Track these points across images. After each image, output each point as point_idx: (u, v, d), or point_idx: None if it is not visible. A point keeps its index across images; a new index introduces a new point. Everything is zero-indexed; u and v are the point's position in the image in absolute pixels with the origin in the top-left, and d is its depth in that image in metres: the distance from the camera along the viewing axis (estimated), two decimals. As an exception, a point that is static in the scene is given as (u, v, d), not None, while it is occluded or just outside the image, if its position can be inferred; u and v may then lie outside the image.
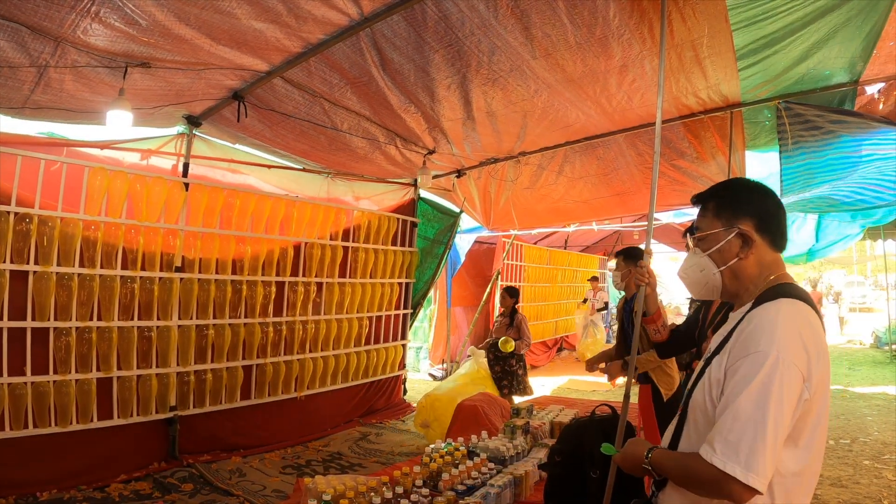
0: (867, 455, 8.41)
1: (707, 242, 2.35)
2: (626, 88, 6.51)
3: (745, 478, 1.87)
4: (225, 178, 8.36)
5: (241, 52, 5.58)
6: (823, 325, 2.13)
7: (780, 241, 2.30)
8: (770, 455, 1.88)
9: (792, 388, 1.92)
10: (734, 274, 2.30)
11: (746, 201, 2.31)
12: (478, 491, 4.11)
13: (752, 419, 1.90)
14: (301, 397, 9.22)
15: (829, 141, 6.80)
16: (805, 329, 2.00)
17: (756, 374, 1.94)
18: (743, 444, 1.89)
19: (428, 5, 4.96)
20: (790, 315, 2.04)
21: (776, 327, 1.99)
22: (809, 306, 2.10)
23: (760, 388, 1.92)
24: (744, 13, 5.10)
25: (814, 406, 1.99)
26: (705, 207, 2.41)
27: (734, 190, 2.40)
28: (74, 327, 6.64)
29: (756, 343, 2.00)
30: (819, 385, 1.99)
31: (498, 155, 9.38)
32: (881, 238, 16.85)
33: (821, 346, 2.01)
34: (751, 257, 2.26)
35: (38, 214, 6.31)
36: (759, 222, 2.26)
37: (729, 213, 2.30)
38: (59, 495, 6.27)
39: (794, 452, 2.00)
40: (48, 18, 4.62)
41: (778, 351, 1.94)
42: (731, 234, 2.27)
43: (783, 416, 1.90)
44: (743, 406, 1.93)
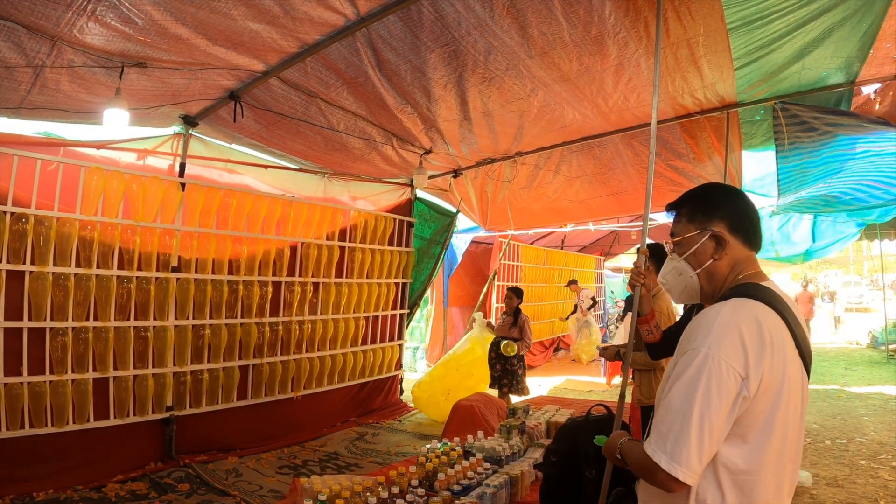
0: (863, 455, 8.41)
1: (683, 247, 2.41)
2: (622, 88, 6.51)
3: (668, 467, 1.94)
4: (221, 178, 8.35)
5: (237, 52, 5.59)
6: (793, 325, 2.15)
7: (754, 239, 2.35)
8: (696, 448, 1.93)
9: (723, 385, 1.95)
10: (709, 275, 2.36)
11: (718, 204, 2.37)
12: (473, 491, 4.12)
13: (679, 411, 1.97)
14: (298, 397, 9.22)
15: (825, 141, 6.81)
16: (748, 328, 2.02)
17: (687, 369, 2.01)
18: (671, 435, 1.97)
19: (424, 5, 4.97)
20: (731, 313, 2.07)
21: (713, 325, 2.04)
22: (769, 306, 2.12)
23: (689, 383, 1.98)
24: (739, 12, 5.11)
25: (761, 404, 2.01)
26: (679, 213, 2.47)
27: (705, 194, 2.45)
28: (71, 327, 6.63)
29: (693, 340, 2.06)
30: (769, 383, 2.01)
31: (495, 155, 9.39)
32: (878, 238, 16.87)
33: (769, 345, 2.01)
34: (725, 258, 2.32)
35: (35, 214, 6.30)
36: (731, 223, 2.32)
37: (702, 216, 2.36)
38: (55, 495, 6.26)
39: (741, 450, 2.02)
40: (44, 17, 4.62)
41: (709, 348, 1.99)
42: (704, 237, 2.33)
43: (711, 412, 1.94)
44: (673, 399, 2.01)
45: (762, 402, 2.01)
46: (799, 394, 2.13)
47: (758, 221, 2.38)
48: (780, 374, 2.04)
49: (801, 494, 6.86)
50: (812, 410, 11.36)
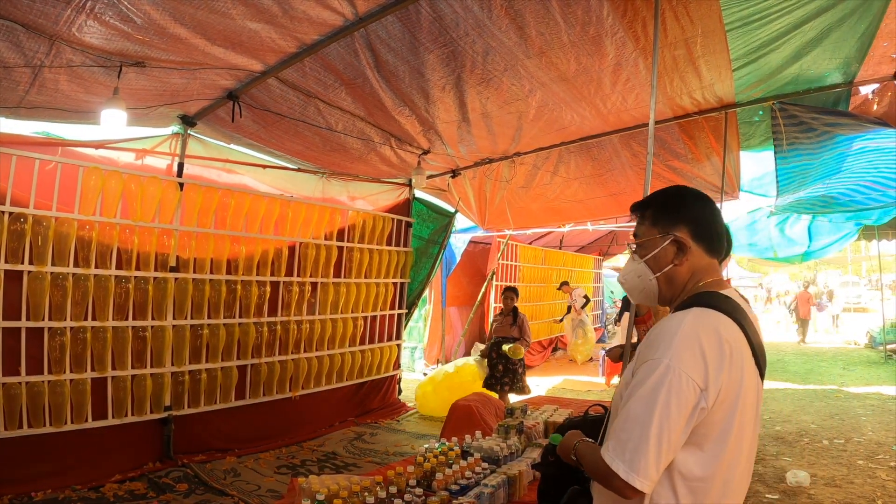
0: (861, 455, 8.42)
1: (644, 249, 2.40)
2: (620, 88, 6.53)
3: (626, 476, 1.96)
4: (220, 178, 8.36)
5: (235, 52, 5.59)
6: (750, 334, 2.18)
7: (717, 247, 2.36)
8: (654, 457, 1.95)
9: (682, 396, 1.97)
10: (669, 280, 2.36)
11: (682, 209, 2.36)
12: (471, 491, 4.11)
13: (639, 421, 1.99)
14: (296, 397, 9.22)
15: (823, 141, 6.82)
16: (708, 340, 2.03)
17: (647, 378, 2.02)
18: (629, 444, 1.98)
19: (422, 6, 4.97)
20: (693, 324, 2.08)
21: (675, 336, 2.04)
22: (729, 316, 2.13)
23: (649, 394, 1.99)
24: (738, 12, 5.11)
25: (718, 415, 2.04)
26: (643, 215, 2.45)
27: (670, 198, 2.44)
28: (69, 327, 6.63)
29: (654, 350, 2.06)
30: (726, 394, 2.03)
31: (493, 155, 9.39)
32: (875, 238, 16.88)
33: (728, 357, 2.03)
34: (685, 264, 2.32)
35: (33, 214, 6.30)
36: (694, 229, 2.32)
37: (665, 220, 2.36)
38: (53, 495, 6.26)
39: (698, 457, 2.05)
40: (43, 15, 4.61)
41: (670, 359, 2.00)
42: (666, 241, 2.32)
43: (670, 422, 1.96)
44: (633, 408, 2.02)
45: (719, 412, 2.04)
46: (754, 401, 2.17)
47: (722, 229, 2.39)
48: (738, 385, 2.07)
49: (800, 494, 6.87)
50: (810, 410, 11.39)
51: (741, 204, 10.96)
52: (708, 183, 8.86)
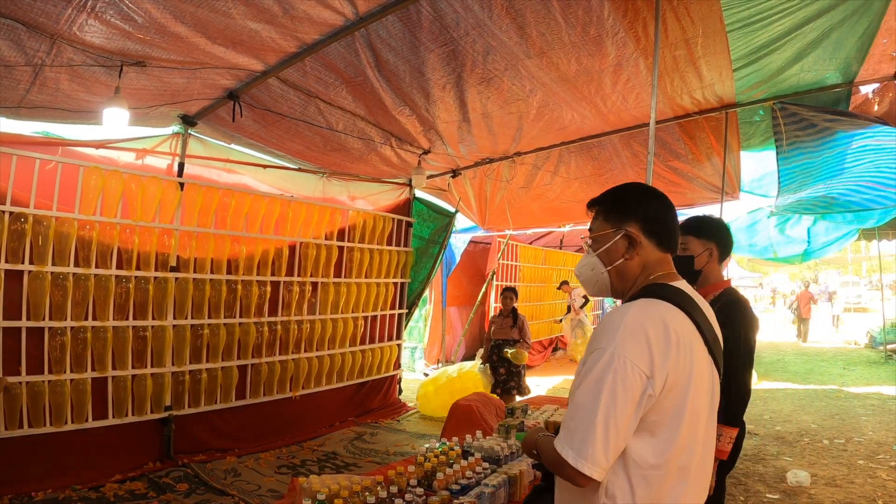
0: (861, 455, 8.43)
1: (597, 243, 2.46)
2: (620, 88, 6.52)
3: (575, 462, 2.01)
4: (220, 178, 8.36)
5: (236, 52, 5.59)
6: (701, 324, 2.22)
7: (667, 241, 2.40)
8: (601, 444, 1.99)
9: (627, 383, 2.01)
10: (620, 273, 2.41)
11: (634, 205, 2.41)
12: (472, 490, 4.11)
13: (585, 409, 2.03)
14: (296, 397, 9.22)
15: (824, 139, 6.81)
16: (653, 328, 2.07)
17: (593, 368, 2.07)
18: (578, 432, 2.03)
19: (423, 5, 4.97)
20: (638, 313, 2.13)
21: (619, 326, 2.09)
22: (677, 306, 2.18)
23: (595, 382, 2.04)
24: (738, 13, 5.11)
25: (668, 401, 2.07)
26: (598, 211, 2.52)
27: (623, 194, 2.49)
28: (69, 327, 6.64)
29: (600, 340, 2.12)
30: (675, 381, 2.07)
31: (493, 155, 9.39)
32: (876, 238, 16.88)
33: (675, 345, 2.08)
34: (636, 258, 2.37)
35: (33, 214, 6.30)
36: (645, 225, 2.37)
37: (617, 216, 2.41)
38: (53, 495, 6.26)
39: (650, 444, 2.08)
40: (44, 14, 4.61)
41: (615, 348, 2.04)
42: (617, 236, 2.38)
43: (616, 409, 2.00)
44: (580, 397, 2.08)
45: (668, 399, 2.07)
46: (708, 390, 2.22)
47: (674, 225, 2.44)
48: (687, 372, 2.10)
49: (800, 494, 6.88)
50: (811, 410, 11.39)
51: (741, 204, 10.95)
52: (708, 183, 8.86)
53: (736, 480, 7.28)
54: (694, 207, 10.51)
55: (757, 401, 12.16)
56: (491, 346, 9.84)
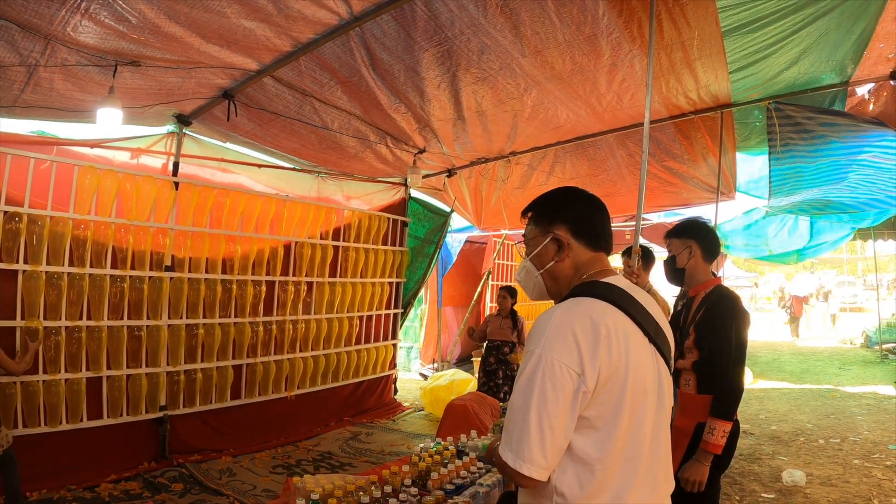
0: (857, 454, 8.44)
1: (530, 247, 2.52)
2: (615, 88, 6.53)
3: (514, 464, 2.04)
4: (215, 177, 8.35)
5: (231, 51, 5.58)
6: (638, 316, 2.23)
7: (597, 241, 2.45)
8: (537, 444, 2.02)
9: (557, 382, 2.03)
10: (552, 276, 2.47)
11: (561, 209, 2.47)
12: (467, 490, 4.11)
13: (519, 410, 2.07)
14: (291, 397, 9.22)
15: (818, 146, 6.82)
16: (581, 326, 2.09)
17: (524, 371, 2.10)
18: (514, 434, 2.06)
19: (417, 5, 4.97)
20: (564, 313, 2.15)
21: (546, 327, 2.11)
22: (608, 301, 2.20)
23: (526, 384, 2.07)
24: (734, 16, 5.11)
25: (604, 395, 2.08)
26: (529, 217, 2.57)
27: (551, 199, 2.54)
28: (64, 327, 6.63)
29: (530, 343, 2.16)
30: (608, 376, 2.08)
31: (489, 154, 9.39)
32: (871, 238, 16.89)
33: (604, 339, 2.08)
34: (567, 259, 2.42)
35: (28, 213, 6.29)
36: (573, 227, 2.42)
37: (546, 220, 2.47)
38: (48, 495, 6.25)
39: (593, 438, 2.09)
40: (38, 15, 4.60)
41: (542, 349, 2.07)
42: (546, 240, 2.43)
43: (548, 408, 2.02)
44: (514, 400, 2.11)
45: (605, 392, 2.08)
46: (651, 382, 2.22)
47: (603, 225, 2.48)
48: (623, 365, 2.11)
49: (795, 493, 6.89)
50: (806, 410, 11.41)
51: (737, 204, 10.96)
52: (704, 183, 8.86)
53: (731, 480, 7.29)
54: (690, 207, 10.54)
55: (752, 400, 12.19)
56: (488, 347, 9.58)
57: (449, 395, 9.97)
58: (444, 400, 9.35)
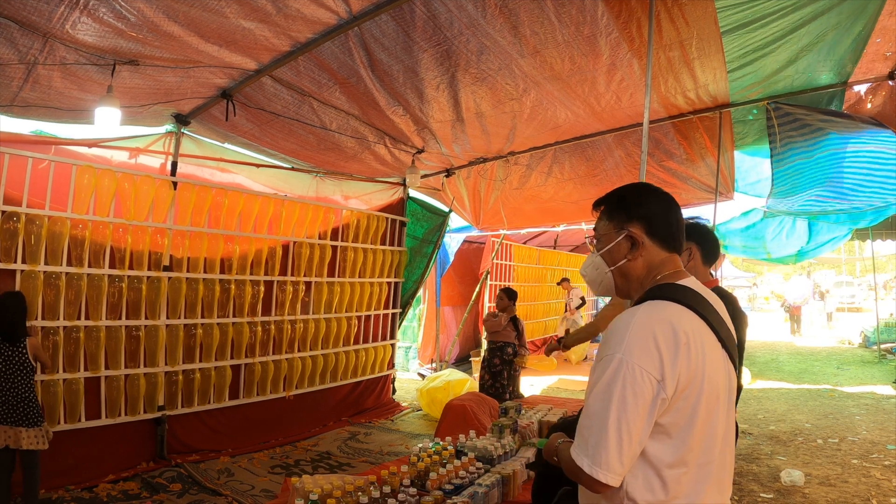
0: (855, 454, 8.44)
1: (601, 243, 2.46)
2: (614, 88, 6.53)
3: (590, 470, 2.01)
4: (213, 177, 8.34)
5: (229, 51, 5.58)
6: (713, 322, 2.20)
7: (671, 241, 2.39)
8: (615, 451, 1.99)
9: (637, 389, 2.01)
10: (623, 274, 2.41)
11: (636, 205, 2.40)
12: (465, 490, 4.10)
13: (598, 416, 2.04)
14: (290, 397, 9.22)
15: (817, 139, 6.82)
16: (661, 331, 2.07)
17: (603, 375, 2.07)
18: (591, 440, 2.03)
19: (416, 5, 4.97)
20: (644, 317, 2.12)
21: (627, 331, 2.08)
22: (685, 305, 2.17)
23: (605, 389, 2.04)
24: (733, 15, 5.11)
25: (681, 402, 2.07)
26: (602, 211, 2.51)
27: (626, 195, 2.48)
28: (62, 326, 6.62)
29: (608, 346, 2.11)
30: (687, 383, 2.06)
31: (487, 155, 9.40)
32: (869, 238, 16.89)
33: (684, 346, 2.06)
34: (640, 259, 2.36)
35: (26, 213, 6.28)
36: (648, 225, 2.36)
37: (621, 216, 2.40)
38: (47, 495, 6.24)
39: (667, 444, 2.07)
40: (37, 12, 4.60)
41: (623, 354, 2.04)
42: (620, 237, 2.37)
43: (628, 415, 1.99)
44: (591, 404, 2.08)
45: (682, 400, 2.06)
46: (723, 388, 2.20)
47: (678, 225, 2.43)
48: (700, 372, 2.09)
49: (794, 493, 6.88)
50: (804, 410, 11.40)
51: (735, 204, 10.97)
52: (702, 183, 8.87)
53: (730, 480, 7.27)
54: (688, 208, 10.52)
55: (751, 400, 12.18)
56: (491, 348, 9.50)
57: (445, 395, 9.92)
58: (441, 401, 9.30)
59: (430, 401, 10.55)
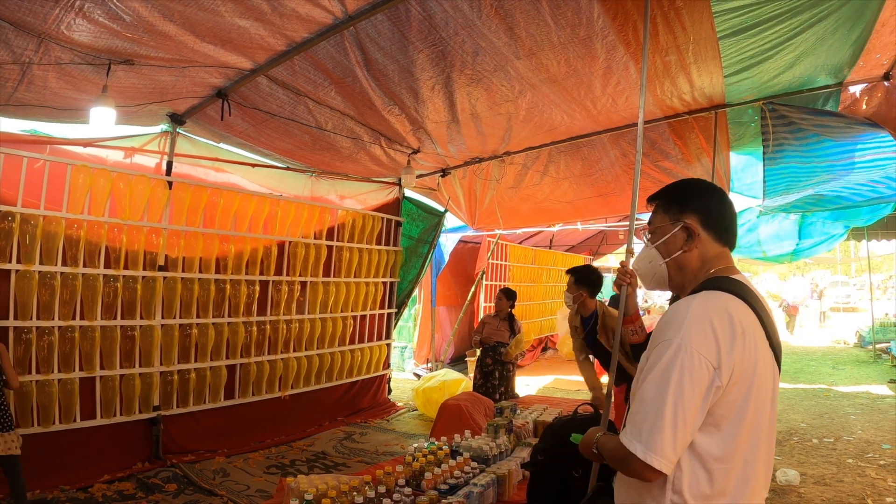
0: (851, 453, 8.45)
1: (656, 235, 2.48)
2: (610, 91, 6.52)
3: (644, 456, 1.99)
4: (209, 177, 8.34)
5: (225, 50, 5.56)
6: (763, 317, 2.21)
7: (726, 236, 2.42)
8: (670, 437, 1.98)
9: (695, 375, 2.00)
10: (678, 266, 2.43)
11: (692, 198, 2.44)
12: (461, 490, 4.11)
13: (653, 403, 2.02)
14: (285, 397, 9.21)
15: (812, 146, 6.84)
16: (719, 319, 2.07)
17: (660, 360, 2.06)
18: (645, 426, 2.02)
19: (412, 5, 4.96)
20: (703, 305, 2.12)
21: (685, 318, 2.09)
22: (740, 298, 2.17)
23: (662, 374, 2.04)
24: (730, 20, 5.10)
25: (734, 394, 2.06)
26: (657, 205, 2.53)
27: (681, 188, 2.52)
28: (57, 326, 6.61)
29: (665, 332, 2.12)
30: (740, 372, 2.06)
31: (483, 154, 9.39)
32: (865, 238, 16.93)
33: (740, 336, 2.07)
34: (695, 251, 2.38)
35: (21, 213, 6.27)
36: (703, 218, 2.38)
37: (676, 208, 2.43)
38: (42, 496, 6.23)
39: (716, 437, 2.07)
40: (32, 13, 4.59)
41: (681, 339, 2.04)
42: (676, 228, 2.39)
43: (684, 401, 1.99)
44: (647, 390, 2.07)
45: (734, 391, 2.06)
46: (770, 384, 2.20)
47: (732, 219, 2.46)
48: (752, 365, 2.09)
49: (789, 493, 6.89)
50: (800, 409, 11.42)
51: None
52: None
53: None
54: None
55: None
56: (485, 348, 9.50)
57: (441, 395, 9.91)
58: (437, 401, 9.29)
59: (425, 401, 10.55)
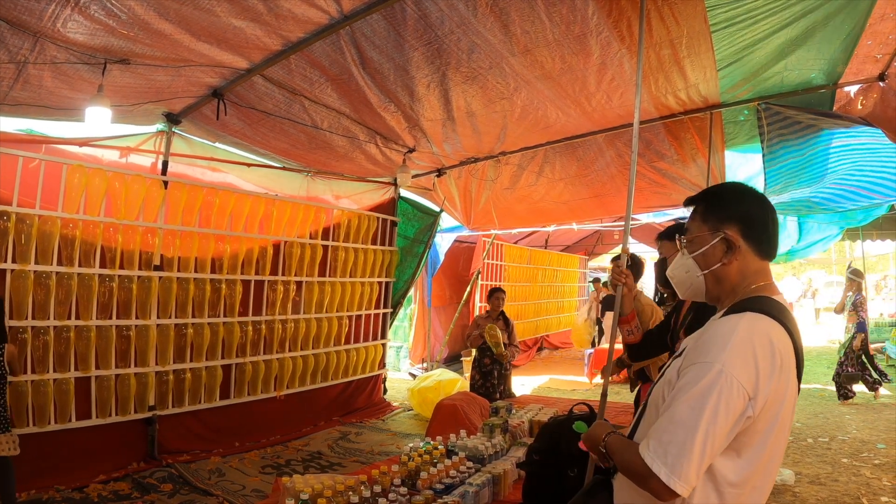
0: (845, 453, 8.46)
1: (693, 245, 2.35)
2: (605, 87, 6.53)
3: (667, 479, 1.94)
4: (204, 177, 8.33)
5: (220, 49, 5.57)
6: (797, 341, 2.15)
7: (768, 248, 2.30)
8: (696, 463, 1.93)
9: (731, 403, 1.94)
10: (717, 278, 2.30)
11: (734, 206, 2.30)
12: (456, 490, 4.11)
13: (685, 425, 1.96)
14: (281, 397, 9.20)
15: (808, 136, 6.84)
16: (762, 348, 2.01)
17: (698, 382, 1.98)
18: (672, 447, 1.96)
19: (407, 4, 4.96)
20: (748, 330, 2.04)
21: (728, 341, 2.01)
22: (780, 323, 2.10)
23: (698, 397, 1.96)
24: (723, 13, 5.12)
25: (761, 424, 2.02)
26: (695, 210, 2.40)
27: (723, 194, 2.39)
28: (52, 326, 6.60)
29: (706, 353, 2.03)
30: (771, 404, 2.02)
31: (478, 154, 9.39)
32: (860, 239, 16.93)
33: (778, 368, 2.02)
34: (734, 263, 2.26)
35: (16, 212, 6.26)
36: (745, 228, 2.25)
37: (716, 217, 2.30)
38: (37, 496, 6.22)
39: (734, 463, 2.04)
40: (27, 11, 4.58)
41: (723, 364, 1.96)
42: (715, 239, 2.27)
43: (716, 428, 1.94)
44: (680, 410, 1.99)
45: (762, 421, 2.02)
46: (792, 408, 2.15)
47: (775, 230, 2.34)
48: (783, 395, 2.05)
49: (784, 493, 6.90)
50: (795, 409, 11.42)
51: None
52: (693, 184, 8.86)
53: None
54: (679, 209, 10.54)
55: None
56: (481, 348, 9.46)
57: (436, 395, 9.90)
58: (432, 401, 9.29)
59: (421, 400, 10.55)
